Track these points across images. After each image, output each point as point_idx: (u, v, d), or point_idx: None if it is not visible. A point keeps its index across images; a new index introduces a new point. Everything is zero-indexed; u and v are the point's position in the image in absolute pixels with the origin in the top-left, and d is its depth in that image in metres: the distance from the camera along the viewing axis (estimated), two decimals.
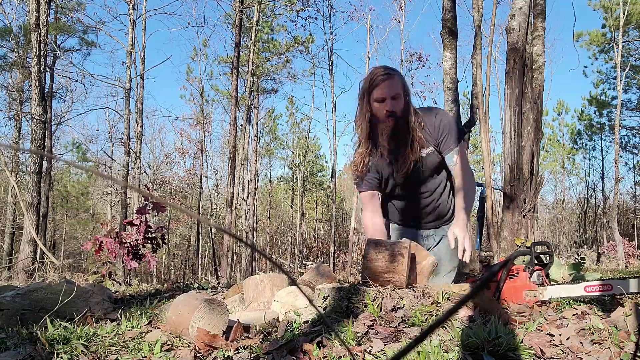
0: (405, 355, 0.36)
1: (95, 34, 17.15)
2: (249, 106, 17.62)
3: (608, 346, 1.21)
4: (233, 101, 9.13)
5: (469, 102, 7.90)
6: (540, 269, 1.92)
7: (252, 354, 1.28)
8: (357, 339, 1.33)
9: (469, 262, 2.33)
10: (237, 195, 17.36)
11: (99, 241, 4.16)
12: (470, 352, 1.19)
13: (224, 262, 9.50)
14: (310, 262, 22.17)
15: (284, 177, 28.46)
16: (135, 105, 14.11)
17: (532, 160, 4.63)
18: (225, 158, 21.40)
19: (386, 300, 1.62)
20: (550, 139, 24.95)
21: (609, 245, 14.05)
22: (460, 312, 1.58)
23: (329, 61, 17.93)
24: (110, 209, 20.91)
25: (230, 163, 9.44)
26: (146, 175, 19.15)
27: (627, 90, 21.01)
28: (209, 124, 20.95)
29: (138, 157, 13.98)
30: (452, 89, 6.54)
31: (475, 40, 6.75)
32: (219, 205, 23.39)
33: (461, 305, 0.36)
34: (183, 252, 26.42)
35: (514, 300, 1.82)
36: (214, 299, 1.51)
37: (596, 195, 24.62)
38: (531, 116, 4.65)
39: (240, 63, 10.69)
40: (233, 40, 9.38)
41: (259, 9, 13.39)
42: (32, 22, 6.81)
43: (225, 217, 9.33)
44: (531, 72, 4.78)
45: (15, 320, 1.64)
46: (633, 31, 18.64)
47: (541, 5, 4.99)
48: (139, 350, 1.39)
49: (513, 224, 4.54)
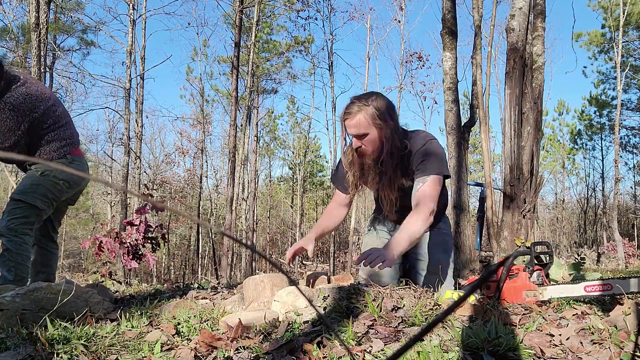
0: (404, 353, 0.36)
1: (95, 34, 17.19)
2: (249, 106, 17.63)
3: (608, 346, 1.21)
4: (233, 101, 9.14)
5: (469, 102, 7.90)
6: (540, 269, 1.92)
7: (252, 354, 1.28)
8: (357, 339, 1.33)
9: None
10: (237, 195, 17.37)
11: (98, 241, 4.16)
12: (470, 352, 1.19)
13: (224, 262, 9.51)
14: (310, 262, 22.17)
15: (284, 177, 28.49)
16: (135, 105, 14.12)
17: (532, 160, 4.63)
18: (225, 158, 21.42)
19: (386, 300, 1.62)
20: (550, 139, 24.97)
21: (609, 245, 14.06)
22: (459, 312, 1.58)
23: (329, 61, 17.94)
24: (110, 209, 20.93)
25: (230, 163, 9.44)
26: (146, 175, 19.15)
27: (627, 90, 21.04)
28: (209, 124, 20.97)
29: (138, 157, 13.99)
30: (452, 89, 6.54)
31: (475, 40, 6.76)
32: (219, 205, 23.41)
33: (458, 304, 0.36)
34: (183, 252, 26.43)
35: (514, 300, 1.82)
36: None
37: (596, 195, 24.64)
38: (531, 116, 4.65)
39: (240, 63, 10.70)
40: (233, 40, 9.39)
41: (258, 9, 13.40)
42: (32, 22, 6.82)
43: (225, 217, 9.33)
44: (531, 72, 4.78)
45: (15, 320, 1.64)
46: (633, 31, 18.65)
47: (541, 5, 5.00)
48: (139, 350, 1.39)
49: (513, 224, 4.54)
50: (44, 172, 2.77)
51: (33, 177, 2.77)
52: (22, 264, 2.67)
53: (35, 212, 2.74)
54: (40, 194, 2.75)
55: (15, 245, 2.65)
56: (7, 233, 2.66)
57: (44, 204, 2.78)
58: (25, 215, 2.70)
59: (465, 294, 0.37)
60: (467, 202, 7.08)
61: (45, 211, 2.81)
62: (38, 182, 2.75)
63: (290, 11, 16.95)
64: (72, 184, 2.90)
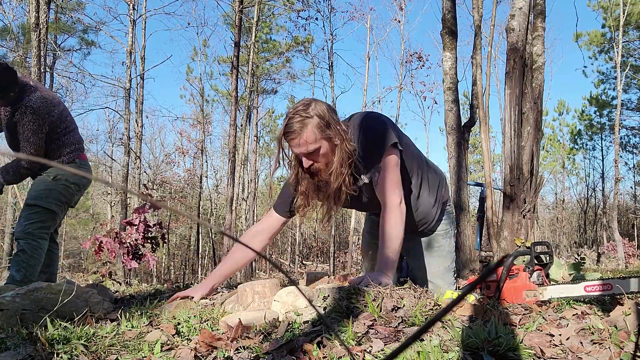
0: (402, 352, 0.36)
1: (95, 34, 17.20)
2: (249, 106, 17.63)
3: (608, 346, 1.21)
4: (233, 101, 9.14)
5: (469, 102, 7.90)
6: (540, 269, 1.92)
7: (252, 354, 1.28)
8: (357, 339, 1.33)
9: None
10: (237, 195, 17.37)
11: (98, 241, 4.16)
12: (470, 352, 1.19)
13: None
14: (310, 262, 22.17)
15: (284, 177, 28.46)
16: (135, 105, 14.12)
17: (532, 160, 4.63)
18: (225, 158, 21.42)
19: (386, 300, 1.62)
20: (550, 139, 24.97)
21: (609, 245, 14.06)
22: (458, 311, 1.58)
23: (329, 61, 17.93)
24: (110, 208, 20.93)
25: (230, 163, 9.44)
26: (146, 175, 19.16)
27: (627, 90, 21.05)
28: (209, 124, 20.98)
29: (138, 157, 13.99)
30: (452, 89, 6.54)
31: (475, 40, 6.76)
32: (219, 205, 23.40)
33: (456, 303, 0.36)
34: (183, 252, 26.42)
35: (514, 300, 1.82)
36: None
37: (596, 195, 24.65)
38: (531, 116, 4.65)
39: (240, 63, 10.70)
40: (233, 40, 9.38)
41: (258, 9, 13.40)
42: (32, 22, 6.82)
43: (225, 217, 9.33)
44: (531, 72, 4.78)
45: (15, 320, 1.64)
46: (633, 31, 18.65)
47: (541, 5, 5.00)
48: (139, 350, 1.39)
49: (513, 224, 4.54)
50: (56, 177, 2.84)
51: (46, 182, 2.83)
52: (33, 267, 2.73)
53: (51, 216, 2.82)
54: (54, 198, 2.82)
55: (31, 248, 2.72)
56: (25, 237, 2.73)
57: (59, 208, 2.86)
58: (41, 220, 2.77)
59: (463, 292, 0.37)
60: (467, 202, 7.08)
61: (60, 215, 2.91)
62: (51, 187, 2.82)
63: (290, 11, 16.96)
64: (81, 187, 2.99)
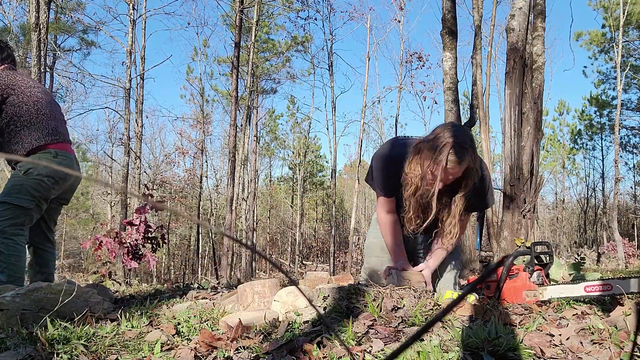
0: (402, 352, 0.36)
1: (95, 34, 17.18)
2: (249, 106, 17.62)
3: (608, 346, 1.21)
4: (233, 101, 9.13)
5: (469, 102, 7.90)
6: (540, 269, 1.92)
7: (252, 354, 1.28)
8: (357, 339, 1.33)
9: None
10: (237, 195, 17.36)
11: (98, 241, 4.16)
12: (470, 352, 1.19)
13: (224, 262, 9.50)
14: (310, 262, 22.17)
15: (284, 177, 28.46)
16: (135, 105, 14.12)
17: (532, 160, 4.63)
18: (225, 158, 21.41)
19: (386, 300, 1.62)
20: (550, 139, 24.95)
21: (609, 245, 14.06)
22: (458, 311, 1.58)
23: (329, 61, 17.94)
24: (110, 209, 20.91)
25: (230, 163, 9.44)
26: (146, 175, 19.15)
27: (627, 90, 21.03)
28: (209, 124, 20.97)
29: (138, 157, 13.99)
30: (452, 89, 6.54)
31: (475, 40, 6.76)
32: (219, 205, 23.39)
33: (456, 303, 0.36)
34: (183, 252, 26.43)
35: (514, 300, 1.82)
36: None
37: (596, 195, 24.64)
38: (531, 116, 4.65)
39: (240, 63, 10.70)
40: (233, 40, 9.39)
41: (258, 9, 13.40)
42: (32, 22, 6.82)
43: (225, 217, 9.33)
44: (531, 72, 4.78)
45: (15, 320, 1.64)
46: (633, 31, 18.64)
47: (541, 5, 4.99)
48: (139, 350, 1.39)
49: (513, 224, 4.54)
50: (27, 171, 2.74)
51: (16, 177, 2.75)
52: (15, 265, 2.66)
53: (23, 212, 2.72)
54: (25, 193, 2.72)
55: (6, 247, 2.64)
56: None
57: (31, 203, 2.75)
58: (12, 217, 2.68)
59: (463, 292, 0.37)
60: None
61: (35, 210, 2.79)
62: (21, 182, 2.73)
63: (289, 11, 16.95)
64: (57, 180, 2.84)
